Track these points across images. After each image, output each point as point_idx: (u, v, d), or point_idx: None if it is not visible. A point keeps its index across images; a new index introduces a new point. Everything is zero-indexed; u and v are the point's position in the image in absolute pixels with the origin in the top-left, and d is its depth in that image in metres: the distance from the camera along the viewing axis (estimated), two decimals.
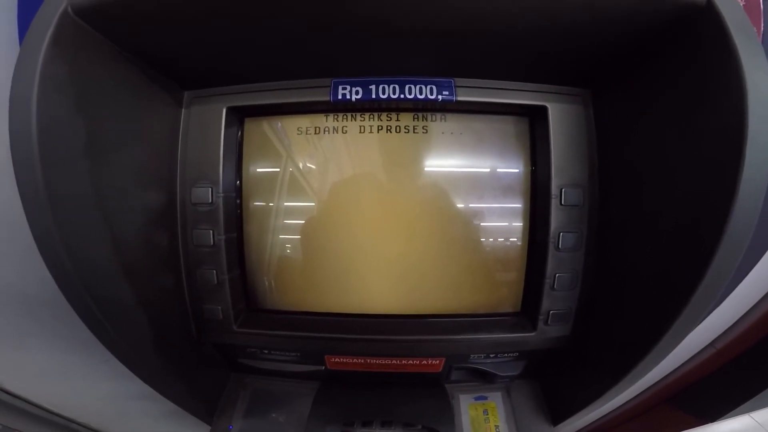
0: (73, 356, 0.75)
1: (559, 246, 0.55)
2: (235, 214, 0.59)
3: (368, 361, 0.63)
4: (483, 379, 0.66)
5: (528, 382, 0.70)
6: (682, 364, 0.99)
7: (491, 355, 0.62)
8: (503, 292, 0.61)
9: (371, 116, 0.59)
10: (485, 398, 0.68)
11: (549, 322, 0.58)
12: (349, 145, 0.59)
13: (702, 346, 0.93)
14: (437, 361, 0.63)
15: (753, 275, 0.72)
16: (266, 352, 0.64)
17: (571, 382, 0.64)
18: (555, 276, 0.56)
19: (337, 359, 0.63)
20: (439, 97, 0.55)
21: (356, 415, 0.59)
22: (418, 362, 0.62)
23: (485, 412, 0.66)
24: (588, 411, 0.62)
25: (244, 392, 0.70)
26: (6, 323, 0.68)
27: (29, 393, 0.75)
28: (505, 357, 0.63)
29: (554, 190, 0.55)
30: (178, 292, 0.58)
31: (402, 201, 0.59)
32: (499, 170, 0.59)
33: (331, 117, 0.59)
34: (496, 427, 0.65)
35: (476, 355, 0.62)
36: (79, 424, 0.84)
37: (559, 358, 0.63)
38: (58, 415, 0.80)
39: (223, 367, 0.72)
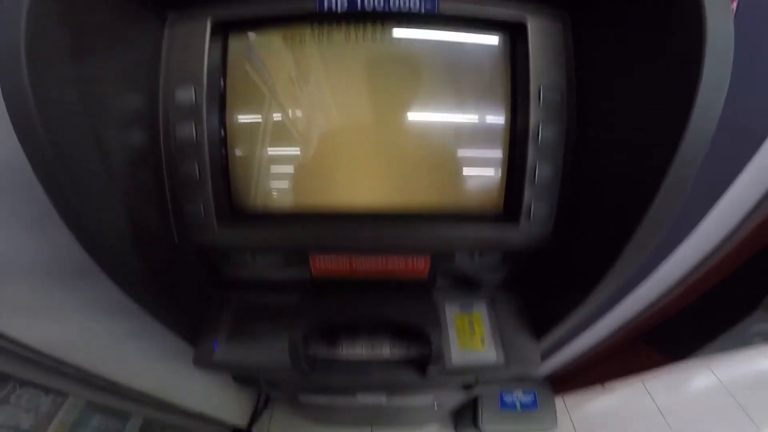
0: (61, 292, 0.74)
1: (539, 139, 0.57)
2: (219, 115, 0.59)
3: (353, 262, 0.64)
4: (469, 286, 0.69)
5: (513, 297, 0.73)
6: (657, 299, 1.04)
7: (476, 257, 0.65)
8: (486, 189, 0.63)
9: (356, 27, 0.60)
10: (471, 309, 0.71)
11: (531, 216, 0.59)
12: (334, 50, 0.60)
13: (675, 281, 0.98)
14: (423, 263, 0.64)
15: (719, 208, 0.75)
16: (250, 257, 0.65)
17: (551, 294, 0.66)
18: (536, 168, 0.58)
19: (321, 262, 0.64)
20: (422, 8, 0.57)
21: (341, 319, 0.61)
22: (403, 264, 0.64)
23: (471, 322, 0.69)
24: (568, 324, 0.65)
25: (228, 309, 0.70)
26: None
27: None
28: (489, 259, 0.66)
29: (533, 89, 0.57)
30: (158, 192, 0.58)
31: (385, 98, 0.61)
32: (482, 70, 0.61)
33: (316, 28, 0.60)
34: (482, 338, 0.68)
35: (461, 256, 0.65)
36: (68, 365, 0.83)
37: (541, 267, 0.66)
38: (44, 354, 0.78)
39: (206, 285, 0.72)
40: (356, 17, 0.59)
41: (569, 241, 0.61)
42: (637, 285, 0.95)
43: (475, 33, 0.60)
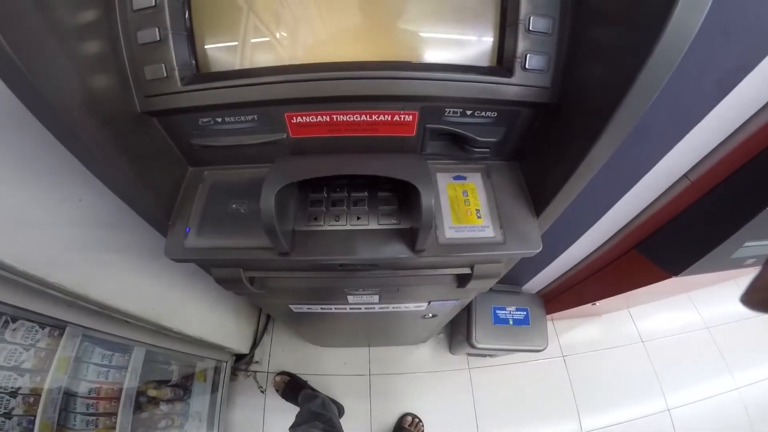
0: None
1: None
2: None
3: (335, 119, 0.57)
4: (461, 151, 0.63)
5: (508, 166, 0.67)
6: (657, 199, 0.99)
7: (468, 113, 0.58)
8: (478, 38, 0.55)
9: None
10: (464, 178, 0.65)
11: (526, 65, 0.52)
12: None
13: (677, 177, 0.94)
14: (410, 117, 0.57)
15: (726, 103, 0.70)
16: (220, 120, 0.57)
17: (548, 162, 0.61)
18: (530, 18, 0.50)
19: (299, 119, 0.57)
20: None
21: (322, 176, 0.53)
22: (390, 118, 0.57)
23: (465, 193, 0.63)
24: (565, 196, 0.60)
25: (202, 186, 0.64)
26: None
27: None
28: (483, 117, 0.58)
29: None
30: (116, 59, 0.51)
31: None
32: None
33: None
34: (477, 211, 0.62)
35: (452, 112, 0.57)
36: (56, 286, 0.77)
37: (538, 131, 0.60)
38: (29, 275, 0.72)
39: (175, 164, 0.65)
40: None
41: (567, 97, 0.54)
42: (633, 184, 0.90)
43: None
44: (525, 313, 1.39)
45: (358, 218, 0.61)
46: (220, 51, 0.56)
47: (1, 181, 0.63)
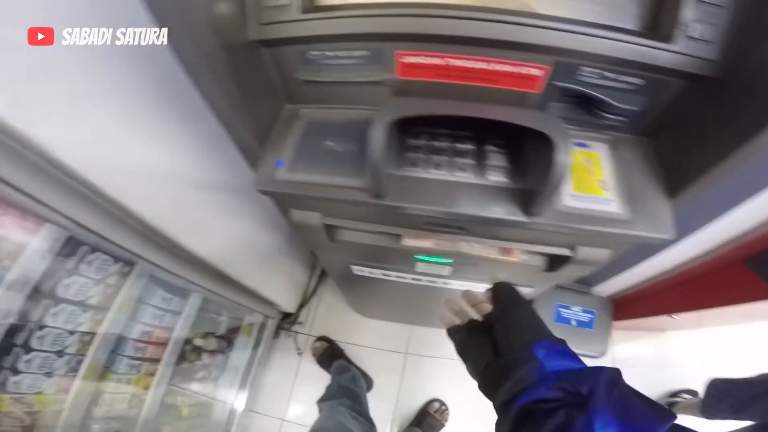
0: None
1: None
2: None
3: (449, 63, 0.51)
4: (589, 115, 0.54)
5: (639, 141, 0.58)
6: None
7: (609, 75, 0.49)
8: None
9: None
10: (586, 146, 0.56)
11: (691, 34, 0.44)
12: None
13: None
14: (540, 72, 0.50)
15: None
16: (329, 54, 0.54)
17: (693, 139, 0.51)
18: None
19: (411, 58, 0.52)
20: None
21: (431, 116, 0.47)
22: (514, 70, 0.50)
23: (588, 161, 0.55)
24: (709, 182, 0.50)
25: (297, 122, 0.61)
26: None
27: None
28: (625, 82, 0.50)
29: None
30: None
31: None
32: None
33: None
34: (601, 182, 0.54)
35: (590, 72, 0.50)
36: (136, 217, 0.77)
37: (683, 107, 0.51)
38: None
39: (275, 99, 0.63)
40: None
41: (738, 75, 0.45)
42: None
43: None
44: (591, 316, 1.28)
45: (463, 170, 0.55)
46: None
47: (98, 106, 0.62)
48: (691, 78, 0.48)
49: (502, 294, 0.46)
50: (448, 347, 0.53)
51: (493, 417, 0.41)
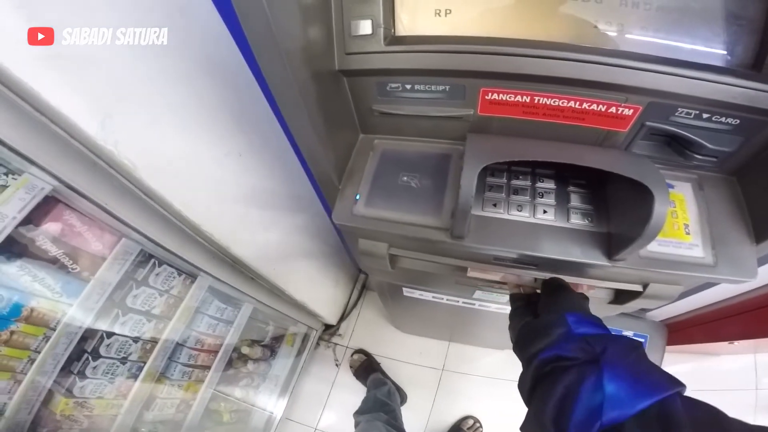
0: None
1: None
2: None
3: (536, 101, 0.51)
4: (677, 156, 0.53)
5: (724, 180, 0.56)
6: None
7: (704, 116, 0.48)
8: (730, 39, 0.46)
9: None
10: (671, 187, 0.55)
11: None
12: None
13: None
14: (630, 111, 0.49)
15: None
16: (409, 87, 0.55)
17: None
18: None
19: (494, 95, 0.52)
20: None
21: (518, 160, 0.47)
22: (604, 109, 0.49)
23: (672, 204, 0.54)
24: None
25: (372, 153, 0.62)
26: None
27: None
28: (721, 123, 0.49)
29: None
30: (325, 11, 0.49)
31: None
32: None
33: None
34: (686, 225, 0.53)
35: (685, 113, 0.49)
36: (203, 232, 0.78)
37: None
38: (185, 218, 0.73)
39: (351, 129, 0.64)
40: None
41: None
42: None
43: None
44: (643, 341, 1.23)
45: (545, 212, 0.55)
46: (424, 14, 0.52)
47: (176, 126, 0.64)
48: None
49: (554, 282, 0.54)
50: (485, 365, 0.55)
51: None
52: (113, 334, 0.90)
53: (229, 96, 0.72)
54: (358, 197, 0.60)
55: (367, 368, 1.64)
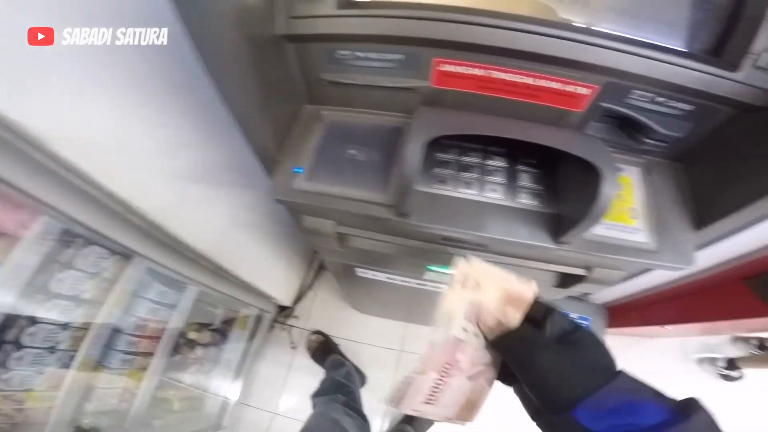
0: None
1: None
2: None
3: (492, 75, 0.48)
4: (628, 139, 0.52)
5: (672, 166, 0.56)
6: None
7: (659, 100, 0.47)
8: (695, 22, 0.45)
9: None
10: (620, 170, 0.55)
11: (758, 63, 0.43)
12: None
13: None
14: (588, 91, 0.47)
15: None
16: (360, 55, 0.50)
17: (734, 170, 0.50)
18: None
19: (449, 67, 0.48)
20: None
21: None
22: (560, 87, 0.47)
23: (620, 187, 0.54)
24: (745, 216, 0.50)
25: (318, 125, 0.57)
26: None
27: None
28: (675, 108, 0.48)
29: None
30: None
31: None
32: None
33: None
34: (630, 209, 0.53)
35: (640, 96, 0.47)
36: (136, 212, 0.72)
37: (730, 135, 0.49)
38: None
39: (295, 99, 0.59)
40: None
41: None
42: None
43: None
44: (586, 323, 1.29)
45: (493, 190, 0.53)
46: None
47: (99, 95, 0.57)
48: (745, 108, 0.46)
49: (513, 341, 0.33)
50: None
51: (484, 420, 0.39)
52: (37, 321, 0.81)
53: (160, 60, 0.63)
54: (298, 170, 0.55)
55: (324, 350, 1.62)
